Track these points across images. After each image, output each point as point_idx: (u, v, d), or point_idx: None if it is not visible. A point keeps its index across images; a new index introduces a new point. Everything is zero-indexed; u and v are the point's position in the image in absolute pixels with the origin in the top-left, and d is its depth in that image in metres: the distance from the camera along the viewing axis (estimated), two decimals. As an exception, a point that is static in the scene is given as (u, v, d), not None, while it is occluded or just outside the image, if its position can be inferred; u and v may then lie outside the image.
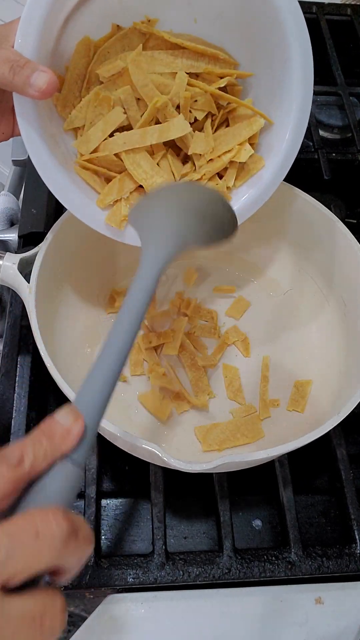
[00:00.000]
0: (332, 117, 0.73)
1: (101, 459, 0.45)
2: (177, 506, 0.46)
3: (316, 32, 0.81)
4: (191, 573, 0.41)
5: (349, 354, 0.49)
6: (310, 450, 0.44)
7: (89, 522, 0.42)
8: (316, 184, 0.64)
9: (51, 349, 0.44)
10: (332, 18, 0.83)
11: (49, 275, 0.46)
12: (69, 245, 0.49)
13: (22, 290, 0.44)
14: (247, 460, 0.37)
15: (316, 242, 0.53)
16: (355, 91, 0.74)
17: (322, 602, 0.42)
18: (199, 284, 0.58)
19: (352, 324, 0.50)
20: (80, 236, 0.51)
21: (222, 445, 0.47)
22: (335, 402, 0.47)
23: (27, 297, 0.43)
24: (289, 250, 0.56)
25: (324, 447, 0.47)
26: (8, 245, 0.61)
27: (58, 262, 0.48)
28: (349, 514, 0.44)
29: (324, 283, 0.54)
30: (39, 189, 0.58)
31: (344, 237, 0.49)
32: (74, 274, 0.52)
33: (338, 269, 0.52)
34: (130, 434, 0.37)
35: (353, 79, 0.79)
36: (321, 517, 0.47)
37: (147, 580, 0.40)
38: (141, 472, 0.45)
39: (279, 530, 0.46)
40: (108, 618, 0.41)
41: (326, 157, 0.66)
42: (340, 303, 0.52)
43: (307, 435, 0.39)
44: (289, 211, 0.53)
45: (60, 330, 0.49)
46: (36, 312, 0.42)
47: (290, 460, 0.46)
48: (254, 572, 0.41)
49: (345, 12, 0.84)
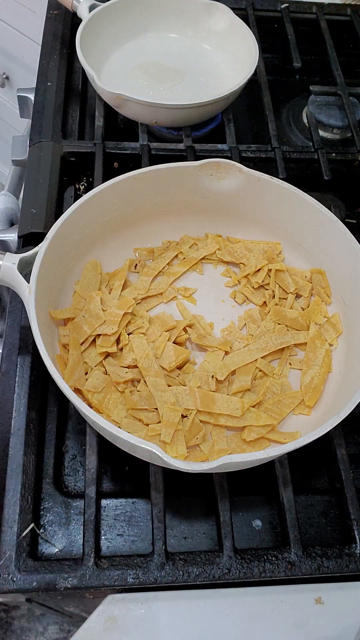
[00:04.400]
0: (332, 117, 0.73)
1: (101, 459, 0.45)
2: (177, 506, 0.46)
3: (316, 32, 0.81)
4: (191, 573, 0.41)
5: (349, 354, 0.49)
6: (310, 450, 0.44)
7: (89, 522, 0.42)
8: (316, 184, 0.64)
9: (51, 349, 0.44)
10: (332, 18, 0.83)
11: (49, 275, 0.46)
12: (68, 245, 0.50)
13: (22, 290, 0.44)
14: (247, 460, 0.37)
15: (316, 242, 0.53)
16: (355, 91, 0.74)
17: (322, 602, 0.42)
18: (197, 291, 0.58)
19: (352, 324, 0.50)
20: (80, 236, 0.51)
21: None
22: (335, 402, 0.47)
23: (27, 297, 0.43)
24: (289, 251, 0.56)
25: (324, 447, 0.47)
26: (8, 245, 0.61)
27: (58, 262, 0.48)
28: (349, 514, 0.44)
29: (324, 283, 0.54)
30: (38, 188, 0.58)
31: (343, 237, 0.49)
32: (74, 273, 0.52)
33: (338, 269, 0.52)
34: (130, 434, 0.37)
35: (353, 79, 0.79)
36: (321, 517, 0.47)
37: (147, 580, 0.40)
38: (141, 472, 0.45)
39: (279, 530, 0.46)
40: (108, 618, 0.41)
41: (326, 157, 0.66)
42: (340, 303, 0.52)
43: (307, 435, 0.39)
44: (289, 211, 0.53)
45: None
46: (36, 312, 0.42)
47: (290, 460, 0.46)
48: (254, 572, 0.41)
49: (345, 12, 0.84)
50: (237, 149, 0.65)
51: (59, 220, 0.47)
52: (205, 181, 0.53)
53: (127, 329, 0.50)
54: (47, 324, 0.46)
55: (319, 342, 0.51)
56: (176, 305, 0.54)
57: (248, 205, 0.55)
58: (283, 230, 0.55)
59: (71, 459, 0.48)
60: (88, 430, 0.45)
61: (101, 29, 0.70)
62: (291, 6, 0.82)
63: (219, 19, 0.73)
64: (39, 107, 0.66)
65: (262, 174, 0.52)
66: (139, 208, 0.54)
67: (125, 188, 0.51)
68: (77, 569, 0.40)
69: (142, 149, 0.63)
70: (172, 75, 0.72)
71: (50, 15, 0.77)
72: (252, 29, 0.76)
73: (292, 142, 0.75)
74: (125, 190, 0.51)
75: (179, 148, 0.64)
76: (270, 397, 0.48)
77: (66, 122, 0.68)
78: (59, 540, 0.44)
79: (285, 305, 0.53)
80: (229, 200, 0.55)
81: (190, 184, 0.54)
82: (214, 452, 0.45)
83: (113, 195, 0.51)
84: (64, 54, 0.73)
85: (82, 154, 0.63)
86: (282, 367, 0.50)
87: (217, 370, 0.48)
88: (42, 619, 1.13)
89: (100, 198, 0.50)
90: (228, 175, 0.53)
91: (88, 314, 0.49)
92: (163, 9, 0.74)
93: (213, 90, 0.69)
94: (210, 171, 0.53)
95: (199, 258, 0.56)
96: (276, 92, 0.78)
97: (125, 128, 0.73)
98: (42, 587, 0.40)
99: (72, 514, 0.45)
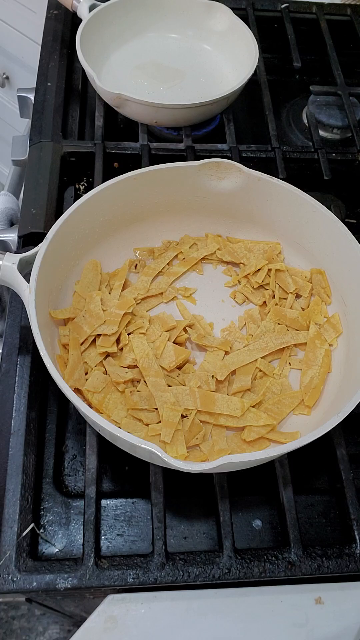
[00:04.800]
0: (332, 117, 0.73)
1: (101, 459, 0.45)
2: (177, 506, 0.46)
3: (316, 32, 0.81)
4: (191, 573, 0.41)
5: (349, 354, 0.49)
6: (310, 450, 0.44)
7: (89, 522, 0.42)
8: (316, 184, 0.64)
9: (51, 349, 0.44)
10: (332, 18, 0.83)
11: (48, 275, 0.46)
12: (69, 245, 0.49)
13: (22, 290, 0.44)
14: (247, 460, 0.37)
15: (316, 242, 0.53)
16: (355, 91, 0.74)
17: (322, 602, 0.42)
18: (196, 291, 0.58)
19: (352, 323, 0.50)
20: (80, 236, 0.51)
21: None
22: (335, 402, 0.47)
23: (27, 297, 0.43)
24: (289, 251, 0.56)
25: (324, 447, 0.47)
26: (8, 245, 0.61)
27: (58, 262, 0.48)
28: (349, 514, 0.44)
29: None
30: (38, 188, 0.58)
31: (343, 237, 0.49)
32: (74, 273, 0.52)
33: (338, 269, 0.52)
34: (130, 434, 0.37)
35: (353, 79, 0.79)
36: (321, 517, 0.47)
37: (147, 580, 0.40)
38: (141, 472, 0.45)
39: (279, 530, 0.46)
40: (108, 618, 0.41)
41: (326, 157, 0.66)
42: (341, 303, 0.52)
43: (307, 435, 0.39)
44: (289, 212, 0.53)
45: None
46: (36, 312, 0.42)
47: (290, 460, 0.46)
48: (254, 572, 0.41)
49: (345, 12, 0.84)
50: (237, 149, 0.65)
51: (59, 220, 0.47)
52: (206, 181, 0.53)
53: (127, 329, 0.50)
54: (47, 324, 0.46)
55: (318, 342, 0.51)
56: (176, 305, 0.54)
57: (248, 205, 0.55)
58: (283, 230, 0.55)
59: (71, 459, 0.48)
60: (88, 430, 0.45)
61: (101, 29, 0.70)
62: (291, 6, 0.82)
63: (219, 19, 0.73)
64: (39, 107, 0.66)
65: (262, 174, 0.52)
66: (139, 208, 0.54)
67: (125, 188, 0.51)
68: (77, 569, 0.40)
69: (142, 149, 0.63)
70: (172, 75, 0.72)
71: (50, 15, 0.77)
72: (252, 29, 0.76)
73: (292, 142, 0.75)
74: (126, 190, 0.51)
75: (179, 148, 0.64)
76: (270, 397, 0.48)
77: (66, 122, 0.68)
78: (59, 540, 0.44)
79: (285, 305, 0.53)
80: (229, 200, 0.55)
81: (190, 184, 0.54)
82: (213, 452, 0.45)
83: (113, 195, 0.51)
84: (64, 54, 0.73)
85: (82, 154, 0.63)
86: (282, 367, 0.50)
87: (217, 371, 0.48)
88: (42, 619, 1.13)
89: (100, 198, 0.50)
90: (228, 175, 0.53)
91: (88, 314, 0.49)
92: (163, 9, 0.74)
93: (213, 90, 0.69)
94: (211, 171, 0.53)
95: (199, 258, 0.56)
96: (276, 92, 0.78)
97: (125, 128, 0.73)
98: (42, 587, 0.40)
99: (72, 514, 0.45)
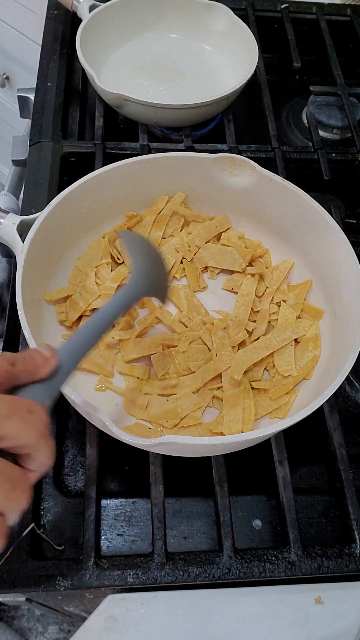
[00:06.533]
0: (332, 117, 0.73)
1: (101, 459, 0.45)
2: (177, 506, 0.46)
3: (316, 32, 0.81)
4: (191, 573, 0.41)
5: (329, 366, 0.48)
6: (310, 450, 0.44)
7: (89, 522, 0.42)
8: (316, 184, 0.64)
9: (37, 319, 0.46)
10: (332, 18, 0.83)
11: (45, 242, 0.48)
12: (73, 216, 0.50)
13: (17, 248, 0.46)
14: (188, 443, 0.37)
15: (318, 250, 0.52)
16: (355, 91, 0.74)
17: (322, 602, 0.42)
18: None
19: (338, 338, 0.48)
20: (87, 210, 0.51)
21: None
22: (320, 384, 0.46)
23: (19, 256, 0.45)
24: (291, 254, 0.56)
25: (324, 447, 0.47)
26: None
27: (59, 231, 0.49)
28: (349, 514, 0.44)
29: (320, 293, 0.53)
30: (38, 189, 0.58)
31: (342, 248, 0.48)
32: (76, 248, 0.53)
33: (333, 281, 0.50)
34: (88, 402, 0.38)
35: (353, 79, 0.79)
36: (321, 517, 0.47)
37: (147, 580, 0.40)
38: (141, 472, 0.45)
39: (279, 530, 0.46)
40: (108, 618, 0.41)
41: (326, 157, 0.66)
42: (332, 315, 0.51)
43: (266, 428, 0.39)
44: (295, 216, 0.52)
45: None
46: (23, 272, 0.43)
47: (290, 460, 0.46)
48: (253, 572, 0.41)
49: (345, 12, 0.85)
50: (237, 149, 0.65)
51: (65, 190, 0.48)
52: (219, 175, 0.54)
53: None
54: (37, 291, 0.48)
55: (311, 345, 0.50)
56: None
57: (256, 204, 0.55)
58: (288, 233, 0.55)
59: (71, 459, 0.48)
60: (88, 430, 0.45)
61: (101, 29, 0.70)
62: (291, 6, 0.82)
63: (219, 19, 0.73)
64: (39, 107, 0.66)
65: (274, 175, 0.51)
66: (150, 194, 0.55)
67: (138, 171, 0.52)
68: (77, 569, 0.40)
69: (142, 149, 0.63)
70: (172, 76, 0.72)
71: (50, 15, 0.77)
72: (252, 29, 0.76)
73: (292, 142, 0.75)
74: (139, 173, 0.52)
75: (179, 148, 0.64)
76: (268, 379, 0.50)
77: (66, 122, 0.68)
78: (59, 540, 0.44)
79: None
80: (239, 196, 0.55)
81: (202, 177, 0.54)
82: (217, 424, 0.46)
83: (125, 175, 0.51)
84: (64, 54, 0.73)
85: (82, 154, 0.63)
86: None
87: (233, 369, 0.48)
88: (42, 619, 1.13)
89: (111, 175, 0.51)
90: (242, 172, 0.53)
91: (84, 290, 0.51)
92: (163, 9, 0.74)
93: (213, 90, 0.69)
94: (225, 166, 0.53)
95: (169, 214, 0.56)
96: (276, 92, 0.78)
97: (125, 128, 0.73)
98: (42, 587, 0.40)
99: (72, 513, 0.45)
